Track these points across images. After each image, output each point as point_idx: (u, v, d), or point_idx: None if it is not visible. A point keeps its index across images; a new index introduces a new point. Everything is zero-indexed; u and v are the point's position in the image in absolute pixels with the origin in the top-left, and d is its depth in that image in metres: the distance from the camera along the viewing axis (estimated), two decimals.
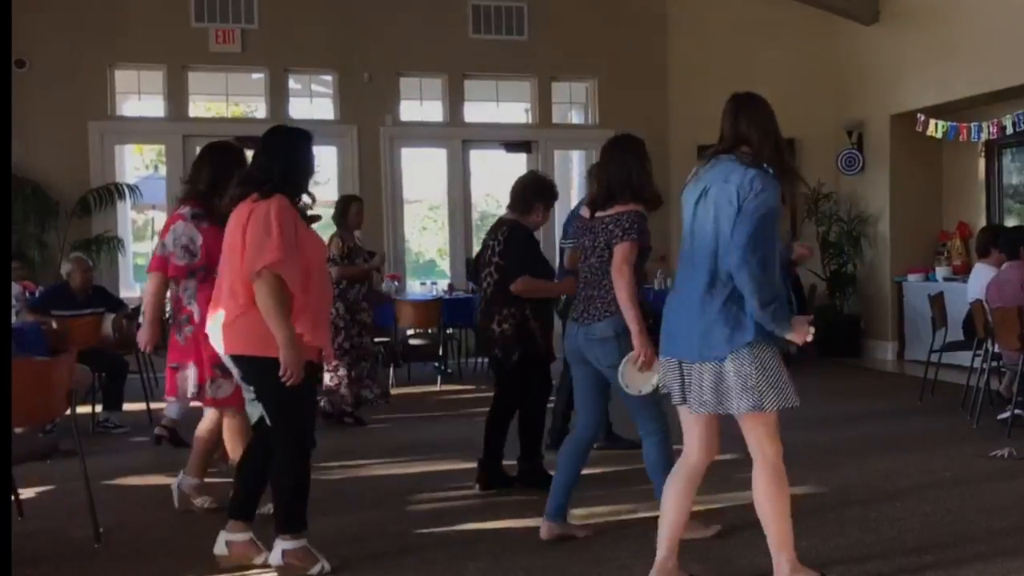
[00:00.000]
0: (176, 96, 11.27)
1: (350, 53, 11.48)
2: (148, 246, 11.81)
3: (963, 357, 7.89)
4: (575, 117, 12.87)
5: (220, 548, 4.14)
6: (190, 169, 5.04)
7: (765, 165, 3.47)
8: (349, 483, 5.80)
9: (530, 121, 12.39)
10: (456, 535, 4.48)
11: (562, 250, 6.24)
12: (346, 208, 7.59)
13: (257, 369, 3.97)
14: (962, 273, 9.87)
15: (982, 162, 10.80)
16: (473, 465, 5.47)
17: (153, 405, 7.69)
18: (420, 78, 11.99)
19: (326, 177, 12.95)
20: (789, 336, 3.45)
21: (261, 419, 4.08)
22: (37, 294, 8.27)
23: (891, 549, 4.28)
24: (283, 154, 4.06)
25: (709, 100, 3.58)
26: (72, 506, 4.85)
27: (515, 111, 12.84)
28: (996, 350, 7.15)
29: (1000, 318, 6.89)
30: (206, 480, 5.04)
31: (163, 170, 12.24)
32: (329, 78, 11.83)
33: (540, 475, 5.28)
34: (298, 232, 3.95)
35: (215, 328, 4.06)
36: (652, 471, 4.36)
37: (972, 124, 9.33)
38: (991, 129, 9.24)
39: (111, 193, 10.76)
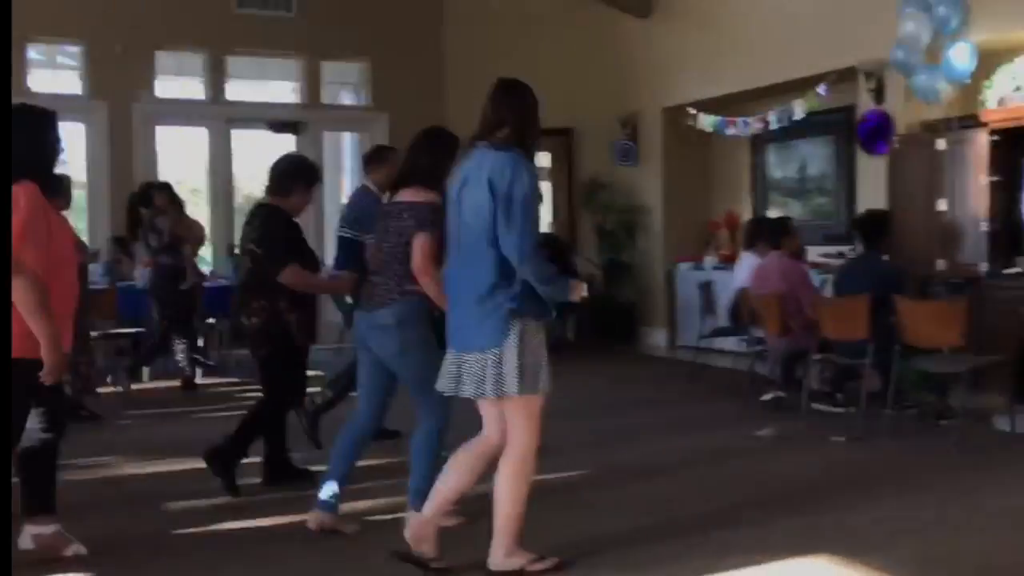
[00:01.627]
0: None
1: (101, 22, 10.64)
2: None
3: (732, 342, 8.08)
4: (346, 98, 12.43)
5: (25, 543, 3.99)
6: None
7: (518, 150, 3.55)
8: (97, 484, 5.43)
9: (298, 101, 11.85)
10: (214, 535, 4.30)
11: (356, 242, 5.72)
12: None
13: None
14: (729, 262, 10.12)
15: (748, 155, 11.14)
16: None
17: None
18: (178, 52, 11.25)
19: (73, 158, 11.94)
20: (571, 298, 3.58)
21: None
22: None
23: (667, 525, 4.33)
24: (26, 137, 3.71)
25: (487, 87, 3.68)
26: None
27: (283, 90, 12.25)
28: (760, 335, 7.34)
29: (763, 305, 7.08)
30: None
31: None
32: (76, 49, 10.94)
33: (288, 470, 5.17)
34: (50, 223, 3.72)
35: None
36: (415, 457, 4.17)
37: (740, 119, 9.55)
38: (757, 124, 9.49)
39: None
